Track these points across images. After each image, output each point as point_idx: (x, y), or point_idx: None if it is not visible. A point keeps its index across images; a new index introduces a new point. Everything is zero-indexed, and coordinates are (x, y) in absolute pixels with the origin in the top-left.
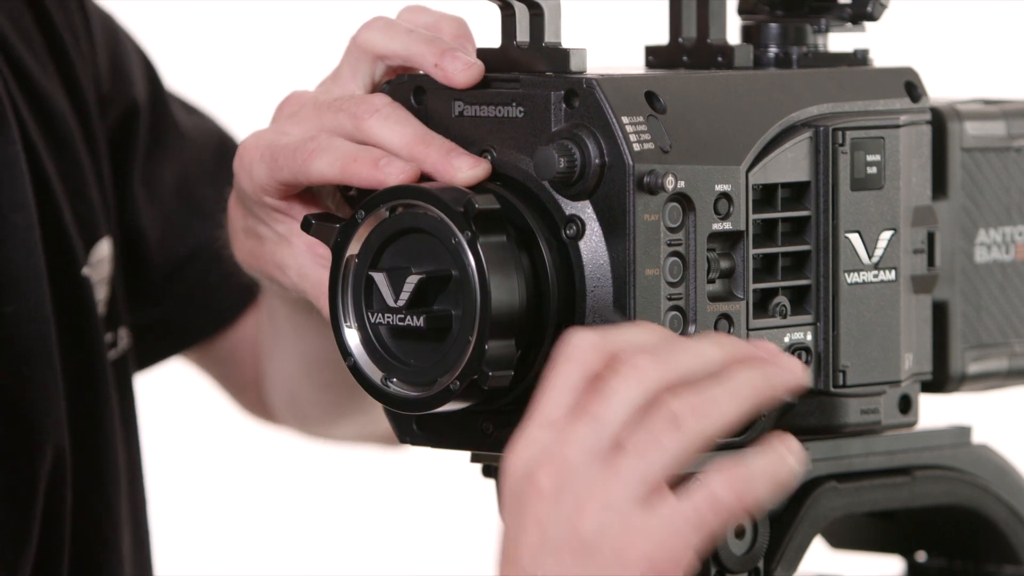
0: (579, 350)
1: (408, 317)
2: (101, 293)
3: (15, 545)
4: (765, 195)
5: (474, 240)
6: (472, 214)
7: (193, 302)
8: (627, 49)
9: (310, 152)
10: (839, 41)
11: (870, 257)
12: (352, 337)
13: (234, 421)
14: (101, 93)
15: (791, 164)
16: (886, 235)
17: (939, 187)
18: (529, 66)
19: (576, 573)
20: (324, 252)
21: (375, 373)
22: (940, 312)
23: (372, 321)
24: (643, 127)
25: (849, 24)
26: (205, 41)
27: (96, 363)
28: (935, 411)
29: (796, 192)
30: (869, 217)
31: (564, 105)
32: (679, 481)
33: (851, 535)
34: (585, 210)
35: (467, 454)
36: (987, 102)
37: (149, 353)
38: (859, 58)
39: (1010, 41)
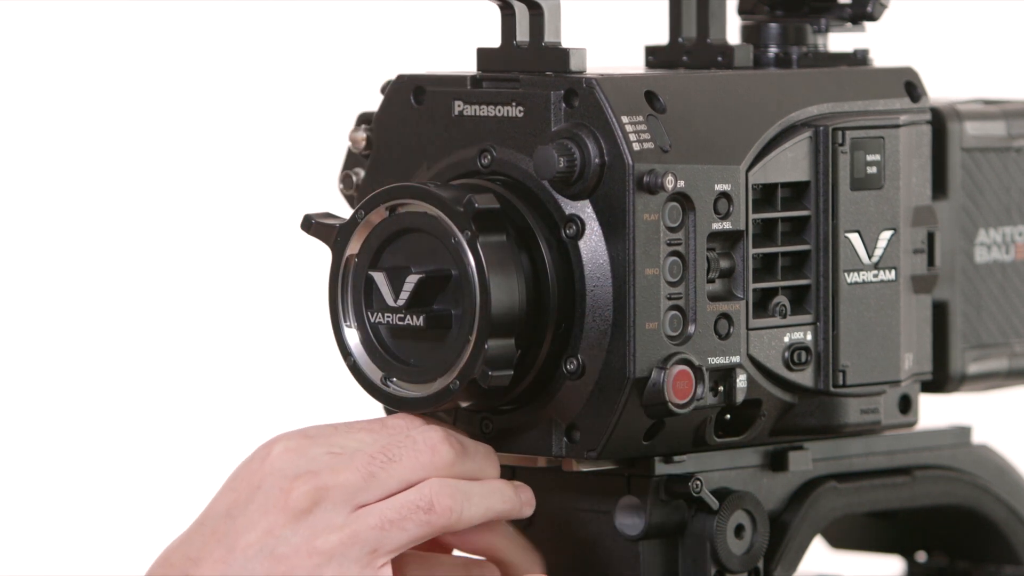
0: (432, 437)
1: (408, 317)
2: None
3: None
4: (765, 195)
5: (474, 239)
6: (472, 213)
7: None
8: (627, 49)
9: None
10: (839, 41)
11: (870, 257)
12: (352, 336)
13: (236, 421)
14: None
15: (791, 164)
16: (886, 235)
17: (939, 187)
18: (529, 66)
19: None
20: None
21: (375, 373)
22: (940, 312)
23: (372, 320)
24: (643, 127)
25: (849, 24)
26: (205, 41)
27: None
28: (935, 411)
29: (796, 192)
30: (869, 217)
31: (564, 105)
32: None
33: (851, 535)
34: (585, 210)
35: None
36: (987, 102)
37: None
38: (859, 58)
39: (1010, 41)
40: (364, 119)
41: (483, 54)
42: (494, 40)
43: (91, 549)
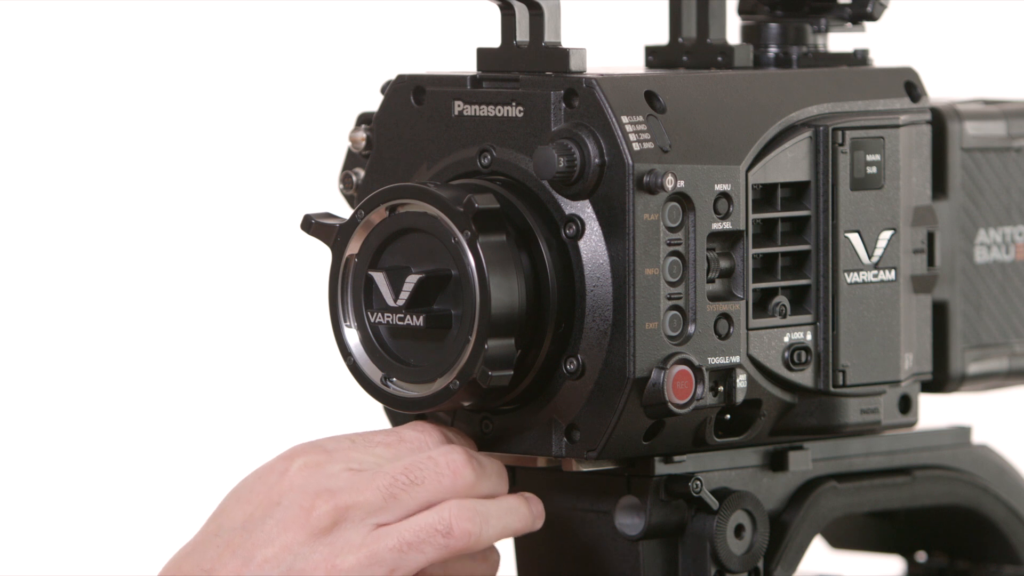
0: (454, 460)
1: (408, 317)
2: None
3: None
4: (765, 195)
5: (474, 239)
6: (472, 213)
7: None
8: (627, 49)
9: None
10: (839, 41)
11: (870, 257)
12: (352, 336)
13: (235, 421)
14: None
15: (791, 164)
16: (886, 235)
17: (939, 187)
18: (529, 66)
19: None
20: None
21: (375, 373)
22: (940, 312)
23: (372, 320)
24: (643, 127)
25: (849, 24)
26: (205, 42)
27: None
28: (935, 411)
29: (796, 192)
30: (869, 217)
31: (564, 105)
32: None
33: (851, 535)
34: (585, 210)
35: None
36: (987, 102)
37: None
38: (859, 58)
39: (1010, 41)
40: (364, 119)
41: (483, 54)
42: (494, 40)
43: (91, 550)
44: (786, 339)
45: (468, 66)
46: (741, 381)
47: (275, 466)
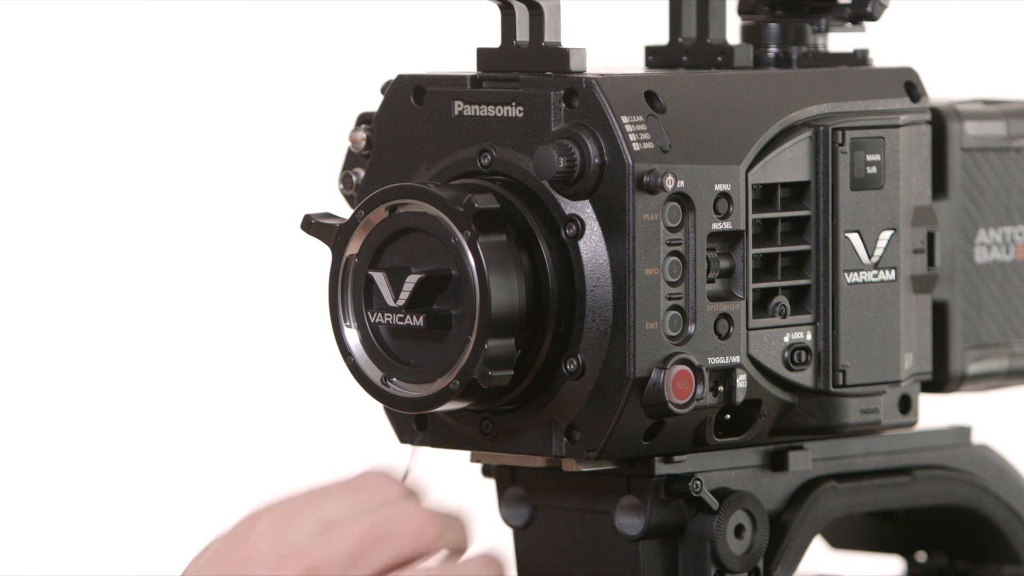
0: (417, 518)
1: (408, 317)
2: None
3: None
4: (765, 195)
5: (474, 239)
6: (472, 213)
7: None
8: (627, 49)
9: None
10: (839, 41)
11: (870, 257)
12: (352, 336)
13: (235, 422)
14: None
15: (791, 164)
16: (886, 235)
17: (939, 187)
18: (529, 66)
19: None
20: None
21: (375, 373)
22: (940, 312)
23: (372, 320)
24: (643, 127)
25: (849, 24)
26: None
27: None
28: (935, 411)
29: (796, 192)
30: (869, 217)
31: (564, 105)
32: None
33: (851, 535)
34: (585, 210)
35: (467, 454)
36: (987, 102)
37: None
38: (859, 58)
39: (1010, 41)
40: (364, 119)
41: (483, 54)
42: (494, 40)
43: (91, 548)
44: (786, 339)
45: (468, 66)
46: (741, 381)
47: (237, 530)
